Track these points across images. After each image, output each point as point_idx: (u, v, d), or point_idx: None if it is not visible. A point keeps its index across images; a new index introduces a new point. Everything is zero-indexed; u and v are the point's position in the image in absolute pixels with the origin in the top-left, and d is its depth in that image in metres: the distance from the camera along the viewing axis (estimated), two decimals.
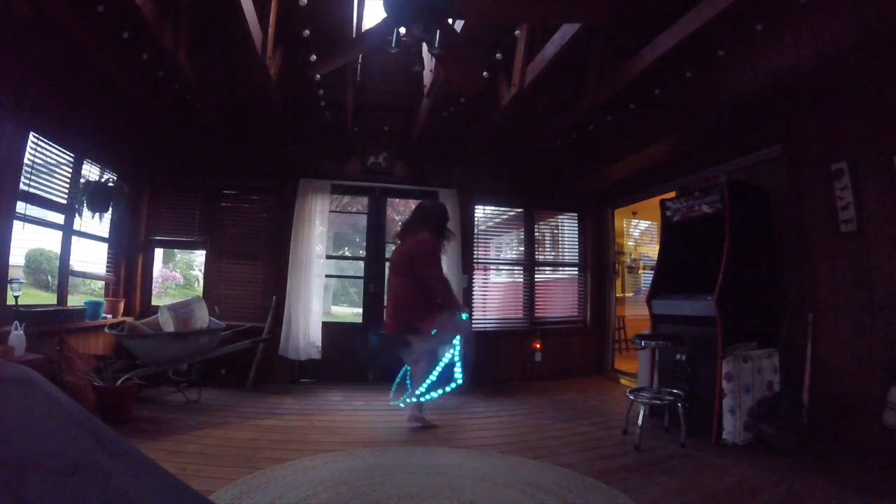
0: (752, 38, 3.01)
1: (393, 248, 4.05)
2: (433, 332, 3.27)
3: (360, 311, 5.40)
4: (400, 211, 8.71)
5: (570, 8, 2.57)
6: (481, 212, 5.63)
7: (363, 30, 3.21)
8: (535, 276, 5.65)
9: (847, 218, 3.02)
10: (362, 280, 5.36)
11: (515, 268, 5.77)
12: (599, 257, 5.80)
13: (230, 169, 4.99)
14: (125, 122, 4.38)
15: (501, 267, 5.92)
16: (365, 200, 5.48)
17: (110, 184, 3.96)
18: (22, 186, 3.17)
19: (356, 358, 4.66)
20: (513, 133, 5.05)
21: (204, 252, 4.99)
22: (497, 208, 5.74)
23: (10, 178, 3.07)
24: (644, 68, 3.21)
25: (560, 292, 5.87)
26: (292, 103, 4.58)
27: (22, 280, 3.16)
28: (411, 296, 3.37)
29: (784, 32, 2.86)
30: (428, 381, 3.28)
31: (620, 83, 3.46)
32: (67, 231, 3.79)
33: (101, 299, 4.35)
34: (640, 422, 3.04)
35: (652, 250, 8.46)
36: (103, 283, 4.60)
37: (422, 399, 3.32)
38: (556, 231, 6.07)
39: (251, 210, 5.18)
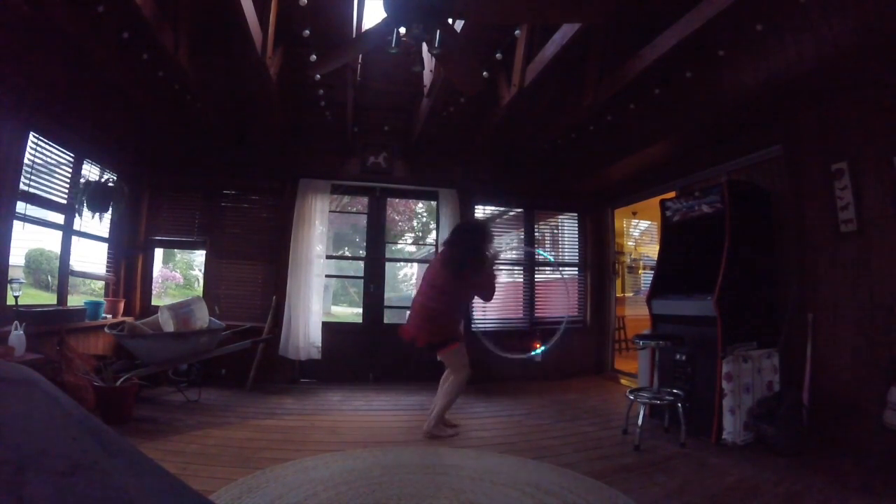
0: (752, 38, 3.01)
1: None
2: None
3: (360, 311, 5.40)
4: (400, 211, 8.70)
5: (570, 8, 2.57)
6: (481, 212, 5.63)
7: (363, 30, 3.21)
8: (535, 276, 5.65)
9: (847, 218, 3.02)
10: (362, 280, 5.35)
11: (515, 268, 5.77)
12: (599, 257, 5.80)
13: (230, 169, 4.98)
14: (125, 122, 4.38)
15: (501, 267, 5.91)
16: (365, 200, 5.48)
17: (110, 184, 3.95)
18: (22, 186, 3.17)
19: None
20: (513, 133, 5.05)
21: (204, 252, 5.00)
22: (497, 208, 5.74)
23: (10, 178, 3.07)
24: (644, 68, 3.20)
25: (560, 292, 5.87)
26: (292, 103, 4.58)
27: (22, 280, 3.16)
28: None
29: (784, 32, 2.86)
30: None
31: (620, 83, 3.46)
32: (67, 231, 3.79)
33: (101, 299, 4.35)
34: (640, 422, 3.04)
35: (652, 250, 8.45)
36: (103, 283, 4.60)
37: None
38: (556, 231, 6.07)
39: (251, 210, 5.18)
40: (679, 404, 3.11)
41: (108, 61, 3.38)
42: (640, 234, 8.87)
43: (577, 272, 5.84)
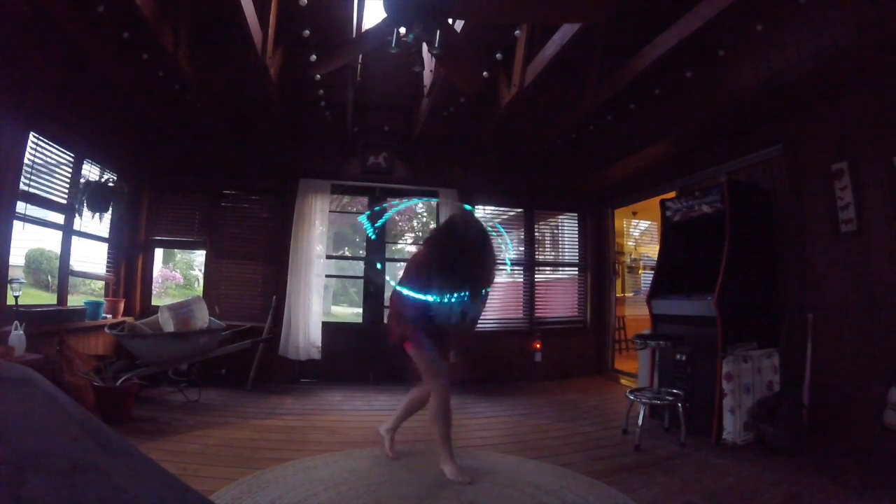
0: (752, 38, 3.01)
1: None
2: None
3: (360, 311, 5.39)
4: (400, 211, 8.69)
5: (570, 8, 2.57)
6: (481, 212, 5.62)
7: (363, 30, 3.21)
8: (535, 276, 5.65)
9: (847, 218, 3.02)
10: (362, 280, 5.35)
11: (515, 268, 5.76)
12: (599, 257, 5.80)
13: (230, 169, 4.99)
14: (125, 122, 4.38)
15: (501, 267, 5.91)
16: (365, 200, 5.48)
17: (110, 184, 3.95)
18: (22, 186, 3.17)
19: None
20: (513, 133, 5.05)
21: (204, 252, 5.00)
22: (497, 208, 5.74)
23: (10, 178, 3.06)
24: (644, 68, 3.20)
25: (560, 292, 5.87)
26: (292, 103, 4.58)
27: (22, 280, 3.16)
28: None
29: (784, 32, 2.86)
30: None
31: (620, 83, 3.46)
32: (67, 231, 3.78)
33: (101, 299, 4.35)
34: (640, 422, 3.04)
35: (652, 250, 8.45)
36: (103, 283, 4.60)
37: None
38: (556, 231, 6.07)
39: (251, 210, 5.18)
40: (679, 404, 3.11)
41: (108, 61, 3.38)
42: (640, 234, 8.87)
43: (577, 272, 5.84)
